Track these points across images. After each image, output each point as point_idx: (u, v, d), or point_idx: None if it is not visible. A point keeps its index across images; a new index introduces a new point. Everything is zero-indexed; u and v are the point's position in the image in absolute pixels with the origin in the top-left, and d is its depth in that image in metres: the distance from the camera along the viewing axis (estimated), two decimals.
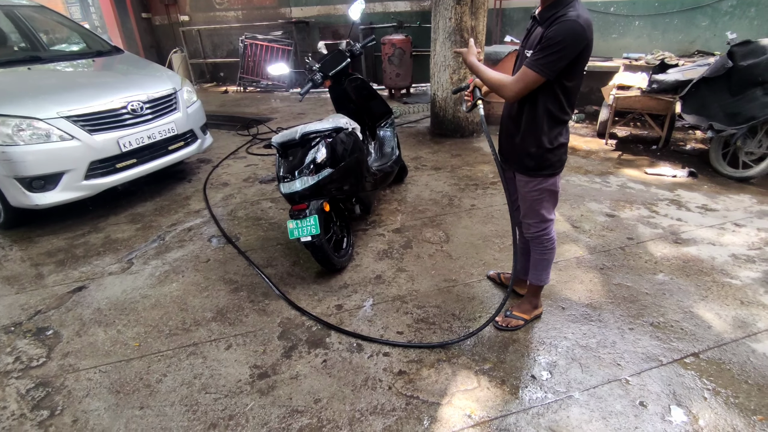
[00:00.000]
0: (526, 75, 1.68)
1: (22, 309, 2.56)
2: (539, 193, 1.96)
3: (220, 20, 9.57)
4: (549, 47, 1.62)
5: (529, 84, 1.69)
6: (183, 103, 4.07)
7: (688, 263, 2.68)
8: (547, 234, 2.06)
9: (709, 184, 3.73)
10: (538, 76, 1.66)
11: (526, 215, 2.07)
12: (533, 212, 2.03)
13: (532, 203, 2.00)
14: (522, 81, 1.70)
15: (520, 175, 1.99)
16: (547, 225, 2.04)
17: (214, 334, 2.29)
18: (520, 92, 1.72)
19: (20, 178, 3.15)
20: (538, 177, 1.92)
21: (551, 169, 1.90)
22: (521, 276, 2.42)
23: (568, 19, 1.60)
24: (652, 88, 4.19)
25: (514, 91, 1.73)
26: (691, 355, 2.02)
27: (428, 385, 1.93)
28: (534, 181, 1.94)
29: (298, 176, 2.48)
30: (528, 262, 2.30)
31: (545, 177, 1.92)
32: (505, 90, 1.75)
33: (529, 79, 1.68)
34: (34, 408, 1.90)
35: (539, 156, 1.87)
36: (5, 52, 4.16)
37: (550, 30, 1.63)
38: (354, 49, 3.33)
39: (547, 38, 1.63)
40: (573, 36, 1.60)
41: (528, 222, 2.07)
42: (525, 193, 2.01)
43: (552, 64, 1.63)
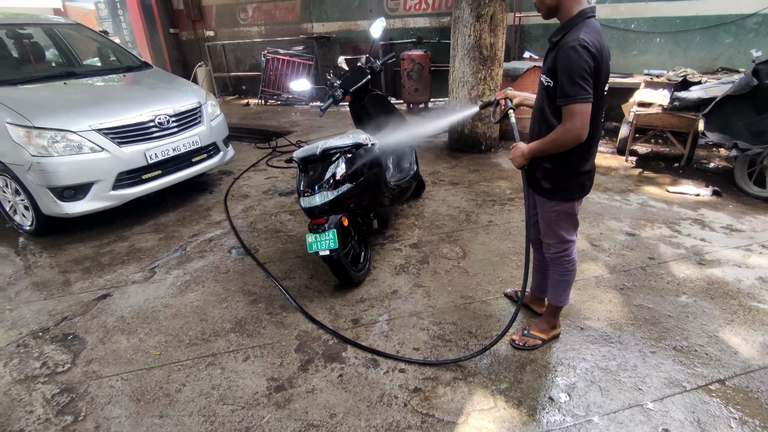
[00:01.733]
0: (570, 112, 1.63)
1: (50, 315, 2.65)
2: (556, 214, 1.94)
3: (243, 35, 9.86)
4: (566, 77, 1.61)
5: (583, 116, 1.62)
6: (207, 116, 4.20)
7: (712, 285, 2.61)
8: (567, 255, 2.03)
9: (735, 204, 3.65)
10: (584, 104, 1.61)
11: (546, 235, 2.05)
12: (552, 232, 2.01)
13: (550, 224, 1.99)
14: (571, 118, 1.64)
15: (539, 197, 1.98)
16: (567, 246, 2.01)
17: (233, 345, 2.32)
18: (581, 127, 1.64)
19: (52, 188, 3.28)
20: (554, 200, 1.91)
21: (568, 194, 1.88)
22: (537, 294, 2.41)
23: (567, 46, 1.61)
24: (673, 105, 4.14)
25: (573, 132, 1.65)
26: (716, 381, 1.96)
27: (444, 403, 1.92)
28: (550, 203, 1.93)
29: (318, 191, 2.52)
30: (544, 280, 2.30)
31: (561, 201, 1.90)
32: (563, 141, 1.69)
33: (578, 112, 1.62)
34: (59, 413, 1.96)
35: (557, 179, 1.86)
36: (44, 67, 4.37)
37: (557, 61, 1.65)
38: (374, 65, 3.40)
39: (560, 70, 1.63)
40: (573, 62, 1.58)
41: (548, 242, 2.05)
42: (543, 213, 2.01)
43: (582, 87, 1.59)
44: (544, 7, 1.75)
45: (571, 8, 1.68)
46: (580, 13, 1.67)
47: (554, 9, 1.73)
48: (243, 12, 9.76)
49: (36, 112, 3.30)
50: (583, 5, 1.68)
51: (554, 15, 1.75)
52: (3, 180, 3.52)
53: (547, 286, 2.26)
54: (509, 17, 6.34)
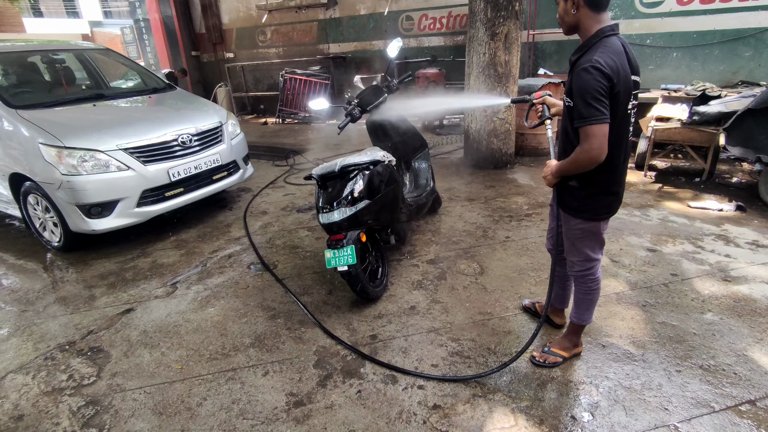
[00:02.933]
0: (586, 134, 1.63)
1: (76, 329, 2.72)
2: (581, 232, 1.93)
3: (262, 57, 10.16)
4: (581, 99, 1.62)
5: (599, 137, 1.61)
6: (228, 135, 4.32)
7: (739, 303, 2.54)
8: (592, 274, 2.00)
9: (760, 219, 3.56)
10: (600, 125, 1.61)
11: (570, 252, 2.03)
12: (576, 250, 1.99)
13: (574, 241, 1.98)
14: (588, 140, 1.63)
15: (564, 214, 1.96)
16: (592, 265, 1.99)
17: (252, 360, 2.35)
18: (599, 148, 1.62)
19: (81, 205, 3.40)
20: (578, 218, 1.90)
21: (593, 213, 1.87)
22: (557, 305, 2.38)
23: (580, 68, 1.63)
24: (693, 119, 4.11)
25: (590, 153, 1.64)
26: (746, 402, 1.90)
27: (464, 421, 1.90)
28: (575, 221, 1.92)
29: (337, 207, 2.57)
30: (564, 290, 2.31)
31: (586, 219, 1.89)
32: (582, 161, 1.68)
33: (594, 134, 1.61)
34: (84, 425, 2.00)
35: (582, 198, 1.85)
36: (74, 90, 4.57)
37: (572, 83, 1.68)
38: (391, 84, 3.47)
39: (575, 92, 1.65)
40: (588, 84, 1.59)
41: (572, 260, 2.04)
42: (567, 230, 2.00)
43: (597, 108, 1.59)
44: (564, 24, 1.79)
45: (589, 27, 1.70)
46: (598, 32, 1.68)
47: (574, 27, 1.76)
48: (262, 34, 10.08)
49: (67, 132, 3.45)
50: (602, 24, 1.69)
51: (575, 32, 1.78)
52: (34, 198, 3.66)
53: (567, 296, 2.27)
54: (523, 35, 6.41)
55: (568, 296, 2.34)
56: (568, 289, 2.31)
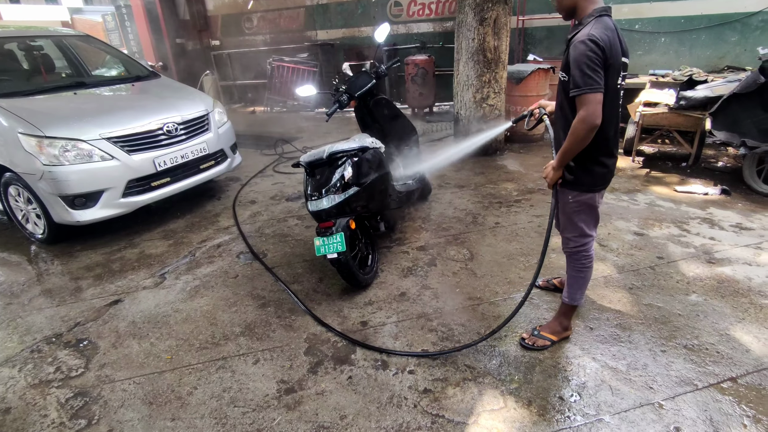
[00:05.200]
0: (582, 102, 1.70)
1: (63, 321, 2.69)
2: (577, 205, 1.98)
3: (249, 44, 9.96)
4: (577, 69, 1.69)
5: (594, 104, 1.68)
6: (214, 124, 4.25)
7: (722, 284, 2.59)
8: (586, 251, 2.06)
9: (744, 202, 3.62)
10: (595, 94, 1.67)
11: (566, 228, 2.08)
12: (572, 225, 2.04)
13: (570, 215, 2.02)
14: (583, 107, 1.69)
15: (560, 187, 2.00)
16: (586, 241, 2.04)
17: (243, 349, 2.34)
18: (594, 113, 1.68)
19: (64, 196, 3.33)
20: (575, 190, 1.94)
21: (589, 185, 1.92)
22: None
23: (577, 41, 1.70)
24: (679, 104, 4.13)
25: (587, 121, 1.69)
26: (728, 379, 1.95)
27: (454, 404, 1.92)
28: (572, 193, 1.96)
29: (325, 194, 2.55)
30: None
31: (582, 192, 1.94)
32: (580, 132, 1.73)
33: (589, 101, 1.68)
34: (73, 417, 1.98)
35: (578, 170, 1.89)
36: (54, 78, 4.45)
37: (569, 56, 1.74)
38: (379, 70, 3.43)
39: (572, 64, 1.72)
40: (584, 55, 1.66)
41: (567, 236, 2.09)
42: (563, 205, 2.03)
43: (592, 78, 1.66)
44: (562, 8, 1.88)
45: (585, 8, 1.80)
46: (593, 11, 1.77)
47: (572, 9, 1.84)
48: (248, 21, 9.88)
49: (47, 122, 3.37)
50: (597, 4, 1.78)
51: (573, 15, 1.85)
52: (15, 189, 3.58)
53: None
54: (513, 20, 6.37)
55: None
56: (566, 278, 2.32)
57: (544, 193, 4.00)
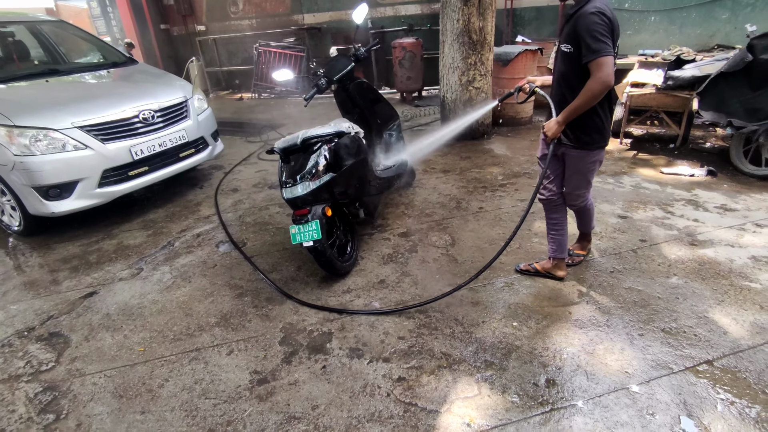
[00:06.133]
0: (599, 64, 1.89)
1: (36, 314, 2.64)
2: (593, 164, 2.26)
3: (234, 29, 9.75)
4: (590, 37, 1.88)
5: (610, 65, 1.89)
6: (194, 111, 4.15)
7: (704, 266, 2.56)
8: (588, 201, 2.45)
9: (730, 183, 3.58)
10: (609, 57, 1.88)
11: (578, 187, 2.34)
12: (585, 182, 2.32)
13: (586, 174, 2.28)
14: (601, 69, 1.89)
15: (578, 151, 2.20)
16: (588, 193, 2.40)
17: (217, 340, 2.31)
18: (609, 74, 1.89)
19: (37, 187, 3.25)
20: (594, 150, 2.19)
21: (602, 142, 2.20)
22: (559, 255, 2.50)
23: (587, 13, 1.90)
24: (667, 84, 4.06)
25: (604, 81, 1.90)
26: (704, 362, 1.93)
27: (428, 392, 1.90)
28: (592, 154, 2.21)
29: (300, 181, 2.48)
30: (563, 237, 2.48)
31: (599, 149, 2.21)
32: (596, 90, 1.93)
33: (606, 63, 1.88)
34: (41, 412, 1.95)
35: (593, 132, 2.14)
36: (26, 66, 4.32)
37: (577, 27, 1.93)
38: (358, 53, 3.34)
39: (583, 33, 1.90)
40: (596, 24, 1.88)
41: (578, 193, 2.36)
42: (581, 167, 2.26)
43: (604, 43, 1.87)
44: None
45: None
46: None
47: None
48: (233, 5, 9.64)
49: (17, 110, 3.27)
50: None
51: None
52: None
53: (566, 243, 2.52)
54: (500, 1, 6.23)
55: (566, 244, 2.54)
56: (565, 236, 2.50)
57: (530, 177, 3.95)
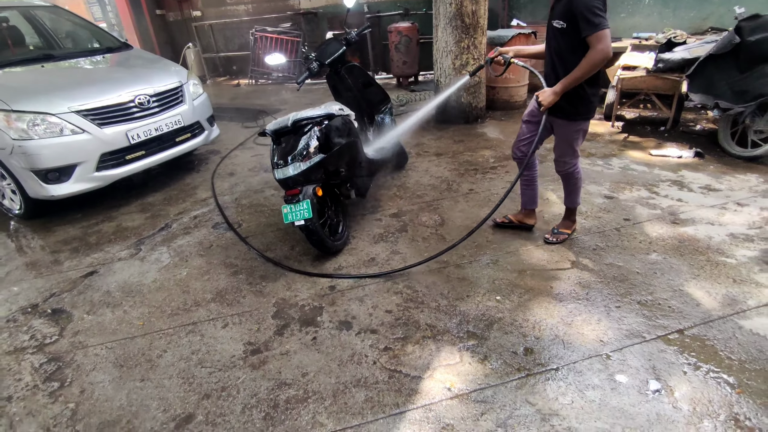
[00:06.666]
0: (599, 37, 2.02)
1: (39, 292, 2.74)
2: (579, 133, 2.42)
3: (230, 14, 9.70)
4: (589, 12, 1.99)
5: (608, 38, 2.03)
6: (189, 95, 4.20)
7: (683, 243, 2.65)
8: (577, 168, 2.57)
9: (716, 165, 3.65)
10: (607, 30, 2.02)
11: (564, 154, 2.51)
12: (571, 150, 2.48)
13: (571, 143, 2.45)
14: (601, 42, 2.03)
15: (564, 121, 2.38)
16: (576, 161, 2.54)
17: (213, 314, 2.40)
18: (609, 46, 2.03)
19: (36, 171, 3.32)
20: (578, 120, 2.35)
21: (590, 113, 2.35)
22: (529, 207, 2.85)
23: None
24: (657, 67, 4.10)
25: (604, 52, 2.04)
26: (675, 331, 2.02)
27: (412, 360, 2.00)
28: (576, 124, 2.38)
29: (291, 162, 2.55)
30: (533, 191, 2.81)
31: (584, 120, 2.36)
32: (597, 60, 2.06)
33: (605, 36, 2.02)
34: (46, 380, 2.05)
35: (582, 104, 2.29)
36: (21, 51, 4.35)
37: (573, 4, 2.03)
38: (349, 36, 3.38)
39: (581, 9, 2.01)
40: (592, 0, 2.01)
41: (564, 160, 2.53)
42: (566, 135, 2.44)
43: (602, 17, 2.01)
44: None
45: None
46: None
47: None
48: None
49: (14, 95, 3.33)
50: None
51: None
52: None
53: (536, 197, 2.83)
54: None
55: (536, 197, 2.84)
56: (536, 190, 2.80)
57: None
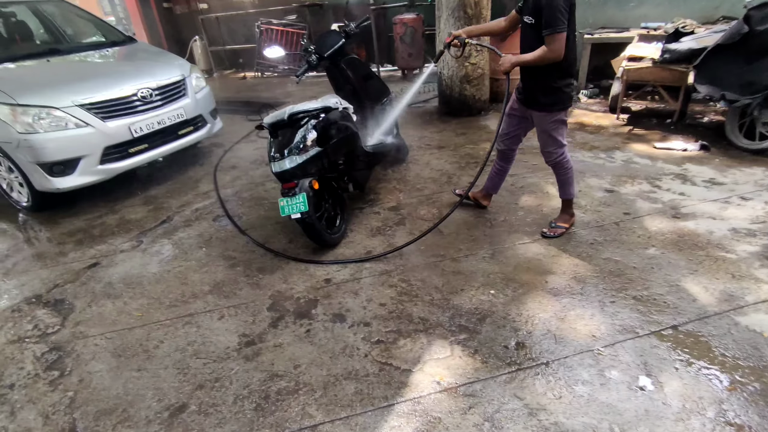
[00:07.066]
0: (554, 38, 2.14)
1: (43, 283, 2.80)
2: (556, 123, 2.46)
3: (237, 6, 9.69)
4: (551, 11, 2.09)
5: (562, 41, 2.16)
6: (192, 89, 4.22)
7: (683, 237, 2.61)
8: (565, 158, 2.55)
9: (721, 158, 3.57)
10: (562, 33, 2.14)
11: (546, 145, 2.55)
12: (552, 140, 2.50)
13: (551, 133, 2.49)
14: (554, 43, 2.15)
15: (539, 113, 2.46)
16: (563, 150, 2.53)
17: (209, 306, 2.44)
18: (560, 49, 2.17)
19: (42, 164, 3.38)
20: (553, 111, 2.42)
21: (564, 104, 2.42)
22: (491, 191, 3.04)
23: None
24: (664, 58, 4.01)
25: (556, 52, 2.18)
26: (669, 327, 2.01)
27: (403, 353, 2.01)
28: (551, 115, 2.44)
29: (288, 155, 2.56)
30: (501, 181, 2.97)
31: (559, 111, 2.43)
32: (548, 58, 2.19)
33: (558, 39, 2.15)
34: (47, 369, 2.11)
35: (554, 95, 2.37)
36: (27, 45, 4.41)
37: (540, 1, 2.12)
38: (348, 28, 3.36)
39: (545, 6, 2.10)
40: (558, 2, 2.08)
41: (549, 150, 2.55)
42: (544, 127, 2.49)
43: (561, 20, 2.11)
44: None
45: None
46: None
47: None
48: None
49: (20, 89, 3.38)
50: None
51: None
52: None
53: (499, 186, 2.99)
54: None
55: (500, 186, 3.00)
56: (502, 180, 2.97)
57: (522, 152, 3.95)
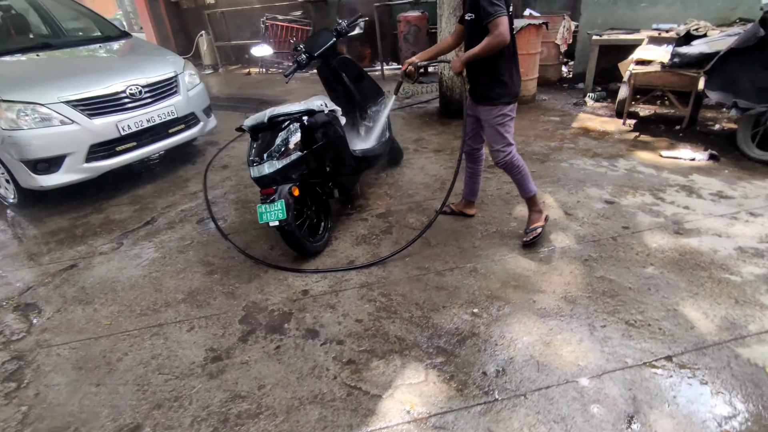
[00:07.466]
0: (495, 24, 2.12)
1: (17, 285, 2.73)
2: (503, 117, 2.40)
3: (242, 2, 9.61)
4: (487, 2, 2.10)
5: (504, 25, 2.13)
6: (184, 86, 4.13)
7: (684, 256, 2.44)
8: (514, 157, 2.49)
9: (732, 169, 3.38)
10: (503, 17, 2.12)
11: (494, 141, 2.47)
12: (499, 136, 2.44)
13: (496, 127, 2.42)
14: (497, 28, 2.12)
15: (484, 106, 2.41)
16: (511, 149, 2.47)
17: (180, 316, 2.34)
18: (505, 32, 2.13)
19: (26, 161, 3.31)
20: (498, 105, 2.37)
21: (510, 97, 2.38)
22: (470, 198, 2.95)
23: None
24: (673, 62, 3.81)
25: (500, 36, 2.13)
26: (663, 358, 1.85)
27: (374, 376, 1.89)
28: (497, 108, 2.38)
29: (267, 159, 2.45)
30: (475, 185, 2.90)
31: (505, 104, 2.38)
32: (493, 44, 2.15)
33: (501, 23, 2.12)
34: (5, 380, 2.03)
35: (499, 89, 2.34)
36: (20, 39, 4.35)
37: None
38: (339, 27, 3.24)
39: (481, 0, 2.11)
40: None
41: (497, 148, 2.47)
42: (490, 121, 2.42)
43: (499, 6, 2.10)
44: None
45: None
46: None
47: None
48: None
49: (5, 85, 3.32)
50: None
51: None
52: None
53: (477, 189, 2.92)
54: None
55: (478, 189, 2.93)
56: (478, 183, 2.89)
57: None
